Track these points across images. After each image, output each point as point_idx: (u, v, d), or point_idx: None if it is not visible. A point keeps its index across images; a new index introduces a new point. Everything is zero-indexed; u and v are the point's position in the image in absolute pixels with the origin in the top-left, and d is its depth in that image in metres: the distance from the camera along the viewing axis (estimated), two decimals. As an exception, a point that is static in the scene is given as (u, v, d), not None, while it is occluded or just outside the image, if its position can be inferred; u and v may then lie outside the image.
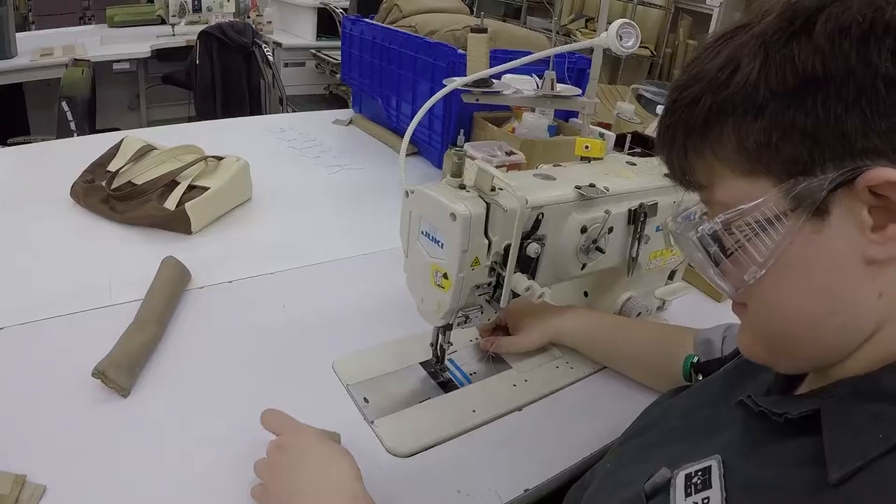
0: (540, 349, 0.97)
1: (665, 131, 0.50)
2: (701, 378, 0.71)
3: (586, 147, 0.94)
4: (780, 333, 0.49)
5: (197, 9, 4.02)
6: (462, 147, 0.75)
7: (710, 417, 0.56)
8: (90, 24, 4.71)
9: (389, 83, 1.80)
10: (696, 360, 0.81)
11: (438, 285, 0.75)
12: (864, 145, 0.40)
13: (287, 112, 3.67)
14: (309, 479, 0.65)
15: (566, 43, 1.13)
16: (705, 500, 0.44)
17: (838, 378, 0.46)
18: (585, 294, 1.05)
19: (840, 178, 0.41)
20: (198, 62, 3.45)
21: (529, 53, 1.09)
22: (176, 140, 1.42)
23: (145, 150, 1.38)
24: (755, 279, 0.46)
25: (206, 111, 3.51)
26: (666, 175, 0.54)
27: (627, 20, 1.00)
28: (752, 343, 0.52)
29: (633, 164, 0.98)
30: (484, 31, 1.31)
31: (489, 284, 0.77)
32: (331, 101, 4.47)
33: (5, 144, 1.88)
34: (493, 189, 0.73)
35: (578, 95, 1.33)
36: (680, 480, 0.47)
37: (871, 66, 0.40)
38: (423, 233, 0.76)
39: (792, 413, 0.45)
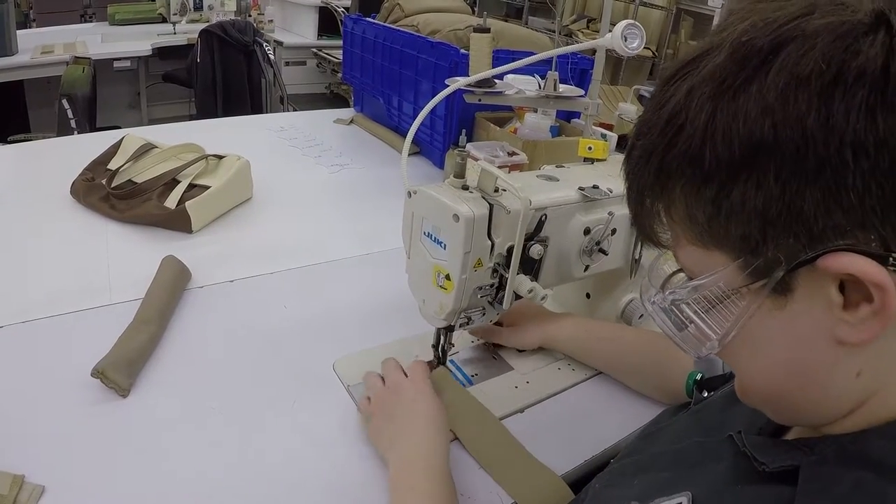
0: (539, 349, 0.97)
1: (625, 182, 0.46)
2: (704, 394, 0.68)
3: (590, 148, 0.93)
4: (752, 395, 0.47)
5: (198, 7, 4.02)
6: (464, 147, 0.75)
7: (700, 448, 0.53)
8: (91, 21, 4.71)
9: (391, 83, 1.79)
10: (699, 377, 0.76)
11: (441, 286, 0.74)
12: (825, 224, 0.35)
13: (288, 111, 3.67)
14: (403, 434, 0.73)
15: (568, 44, 1.13)
16: None
17: (827, 432, 0.43)
18: (588, 296, 1.04)
19: (796, 261, 0.36)
20: (199, 60, 3.44)
21: (532, 53, 1.09)
22: (176, 138, 1.41)
23: (146, 149, 1.38)
24: (713, 352, 0.43)
25: (206, 110, 3.50)
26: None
27: (632, 21, 1.00)
28: (740, 394, 0.49)
29: (637, 166, 0.97)
30: (487, 30, 1.31)
31: (492, 286, 0.77)
32: (332, 100, 4.47)
33: (6, 142, 1.88)
34: (496, 190, 0.73)
35: (581, 96, 1.33)
36: None
37: (834, 132, 0.33)
38: (425, 234, 0.75)
39: (770, 466, 0.42)
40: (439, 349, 0.86)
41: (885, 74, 0.33)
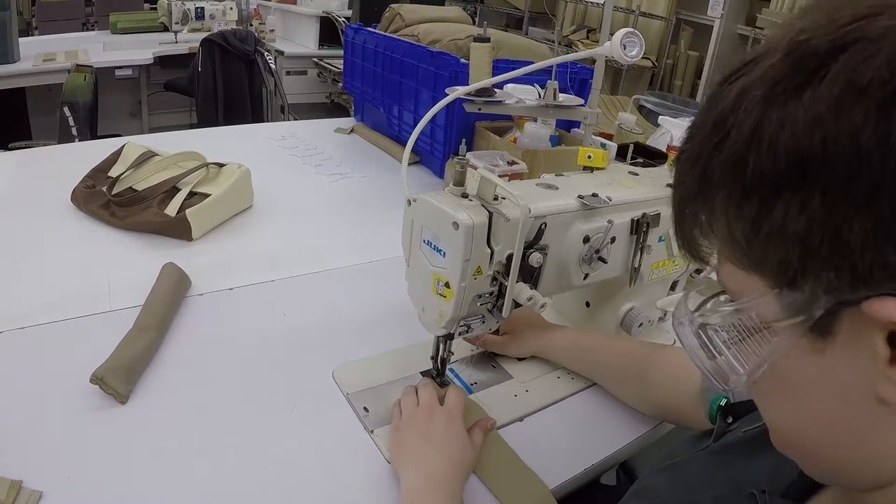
0: (536, 356, 0.98)
1: (673, 187, 0.41)
2: (730, 421, 0.61)
3: (589, 157, 0.94)
4: (781, 442, 0.42)
5: (200, 16, 4.04)
6: (464, 156, 0.75)
7: (718, 502, 0.49)
8: (93, 30, 4.74)
9: (391, 92, 1.80)
10: (723, 402, 0.65)
11: (440, 294, 0.75)
12: (874, 261, 0.30)
13: (289, 120, 3.68)
14: (426, 456, 0.73)
15: (568, 53, 1.13)
16: None
17: (868, 502, 0.39)
18: (587, 304, 1.04)
19: (837, 301, 0.32)
20: (200, 69, 3.45)
21: (531, 63, 1.10)
22: (177, 147, 1.42)
23: (146, 157, 1.38)
24: (740, 386, 0.39)
25: (207, 118, 3.51)
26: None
27: (631, 29, 1.01)
28: (772, 437, 0.44)
29: (636, 175, 0.98)
30: (486, 40, 1.31)
31: (491, 294, 0.77)
32: (332, 109, 4.48)
33: (7, 149, 1.88)
34: (495, 198, 0.73)
35: (581, 105, 1.33)
36: None
37: (892, 152, 0.28)
38: (425, 241, 0.75)
39: None
40: (438, 358, 0.86)
41: None
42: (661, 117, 1.98)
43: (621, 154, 1.58)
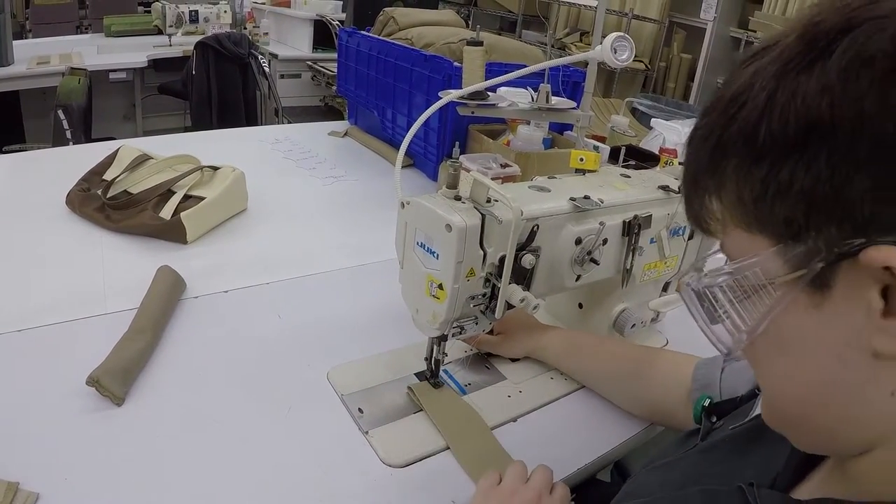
0: (529, 357, 0.99)
1: (684, 165, 0.44)
2: (714, 420, 0.63)
3: (581, 159, 0.95)
4: (778, 411, 0.44)
5: (194, 19, 4.05)
6: (457, 159, 0.76)
7: (707, 497, 0.49)
8: (87, 33, 4.73)
9: (385, 95, 1.81)
10: (707, 403, 0.68)
11: (433, 296, 0.75)
12: (873, 214, 0.33)
13: (283, 123, 3.68)
14: None
15: (561, 56, 1.15)
16: None
17: (854, 486, 0.40)
18: (580, 306, 1.05)
19: (837, 252, 0.34)
20: (194, 72, 3.46)
21: (524, 66, 1.11)
22: (172, 150, 1.42)
23: (141, 160, 1.39)
24: (742, 347, 0.41)
25: (201, 122, 3.51)
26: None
27: (622, 34, 1.02)
28: (766, 412, 0.45)
29: (628, 177, 0.98)
30: (479, 43, 1.32)
31: (484, 295, 0.78)
32: (326, 112, 4.48)
33: (1, 152, 1.88)
34: (488, 200, 0.74)
35: (573, 108, 1.34)
36: None
37: (890, 117, 0.32)
38: (418, 244, 0.76)
39: None
40: (432, 359, 0.87)
41: None
42: (653, 120, 1.99)
43: (614, 156, 1.60)
